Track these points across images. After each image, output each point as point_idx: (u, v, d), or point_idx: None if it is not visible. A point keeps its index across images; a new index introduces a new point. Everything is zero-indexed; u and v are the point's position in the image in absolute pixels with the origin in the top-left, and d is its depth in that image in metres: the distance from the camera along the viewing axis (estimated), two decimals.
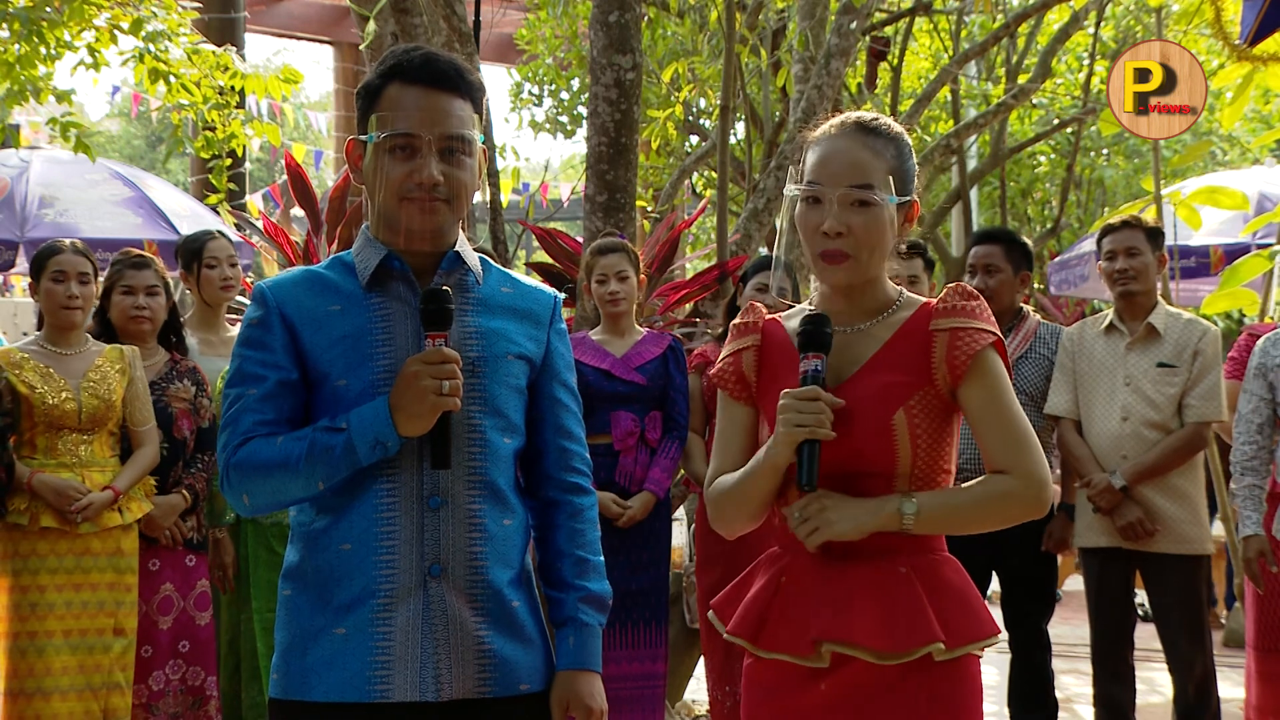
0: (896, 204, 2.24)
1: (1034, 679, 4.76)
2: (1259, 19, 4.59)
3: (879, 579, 2.18)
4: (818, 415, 2.13)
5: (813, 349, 2.20)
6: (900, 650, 2.14)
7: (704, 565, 5.00)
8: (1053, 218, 12.17)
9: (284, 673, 2.20)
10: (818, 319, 2.22)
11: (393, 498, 2.18)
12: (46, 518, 4.14)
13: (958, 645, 2.16)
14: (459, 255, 2.27)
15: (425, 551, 2.17)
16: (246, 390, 2.20)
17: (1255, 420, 4.40)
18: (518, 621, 2.23)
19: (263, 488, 2.19)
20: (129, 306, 4.47)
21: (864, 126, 2.27)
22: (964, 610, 2.19)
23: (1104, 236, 4.69)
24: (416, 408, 2.11)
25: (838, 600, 2.18)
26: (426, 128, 2.19)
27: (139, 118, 25.37)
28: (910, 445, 2.18)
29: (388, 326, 2.22)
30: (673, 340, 4.91)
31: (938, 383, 2.21)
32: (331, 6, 14.19)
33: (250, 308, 2.26)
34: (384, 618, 2.15)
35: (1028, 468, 2.18)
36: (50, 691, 4.12)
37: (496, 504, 2.23)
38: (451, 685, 2.16)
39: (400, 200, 2.21)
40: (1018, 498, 2.19)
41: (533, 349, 2.31)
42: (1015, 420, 2.20)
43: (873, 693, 2.17)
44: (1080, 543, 4.68)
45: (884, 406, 2.19)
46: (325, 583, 2.18)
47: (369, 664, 2.15)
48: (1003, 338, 2.24)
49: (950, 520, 2.20)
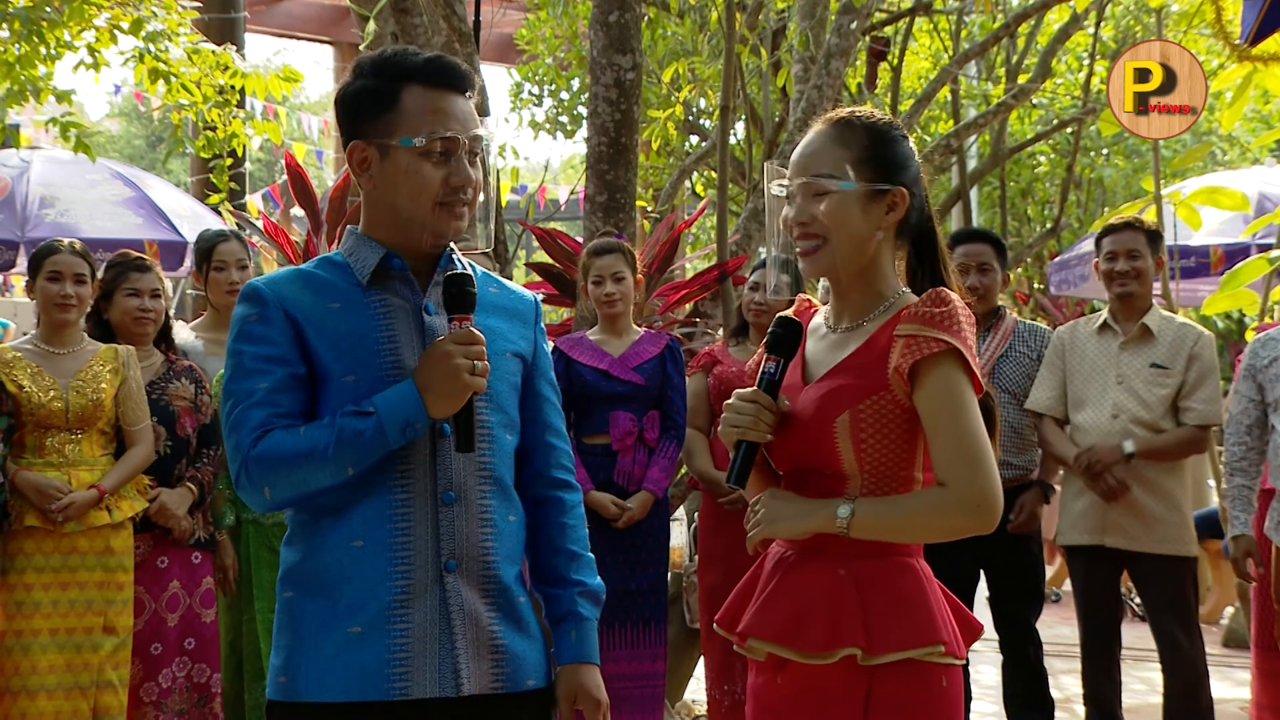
0: (867, 190, 2.20)
1: (1029, 678, 4.76)
2: (1259, 19, 4.58)
3: (814, 581, 2.19)
4: (753, 417, 2.17)
5: (773, 351, 2.23)
6: (812, 651, 2.14)
7: (705, 565, 5.02)
8: (1053, 218, 12.16)
9: (292, 675, 2.17)
10: (786, 323, 2.24)
11: (407, 493, 2.17)
12: (30, 517, 4.15)
13: (884, 651, 2.13)
14: (451, 255, 2.28)
15: (441, 547, 2.17)
16: (255, 385, 2.16)
17: (1244, 421, 4.42)
18: (524, 617, 2.24)
19: (287, 479, 2.14)
20: (134, 308, 4.48)
21: (836, 119, 2.27)
22: (903, 617, 2.15)
23: (1105, 236, 4.70)
24: (449, 386, 2.11)
25: (768, 598, 2.22)
26: (460, 130, 2.21)
27: (142, 116, 25.39)
28: (853, 449, 2.17)
29: (390, 325, 2.21)
30: (670, 340, 4.91)
31: (894, 389, 2.17)
32: (331, 6, 14.20)
33: (244, 305, 2.22)
34: (401, 615, 2.14)
35: (967, 483, 2.12)
36: (36, 690, 4.11)
37: (504, 499, 2.24)
38: (470, 681, 2.16)
39: (435, 205, 2.20)
40: (954, 512, 2.14)
41: (524, 346, 2.34)
42: (962, 434, 2.13)
43: (820, 691, 2.17)
44: (1062, 540, 4.70)
45: (827, 410, 2.19)
46: (335, 581, 2.15)
47: (387, 661, 2.13)
48: (964, 349, 2.15)
49: (885, 528, 2.16)
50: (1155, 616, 4.57)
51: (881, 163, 2.23)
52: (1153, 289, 4.73)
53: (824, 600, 2.16)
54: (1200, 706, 4.51)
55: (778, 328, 2.24)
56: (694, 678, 6.01)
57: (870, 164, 2.23)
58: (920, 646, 2.15)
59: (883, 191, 2.23)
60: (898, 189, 2.24)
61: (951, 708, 2.19)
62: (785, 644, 2.17)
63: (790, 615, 2.17)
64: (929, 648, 2.15)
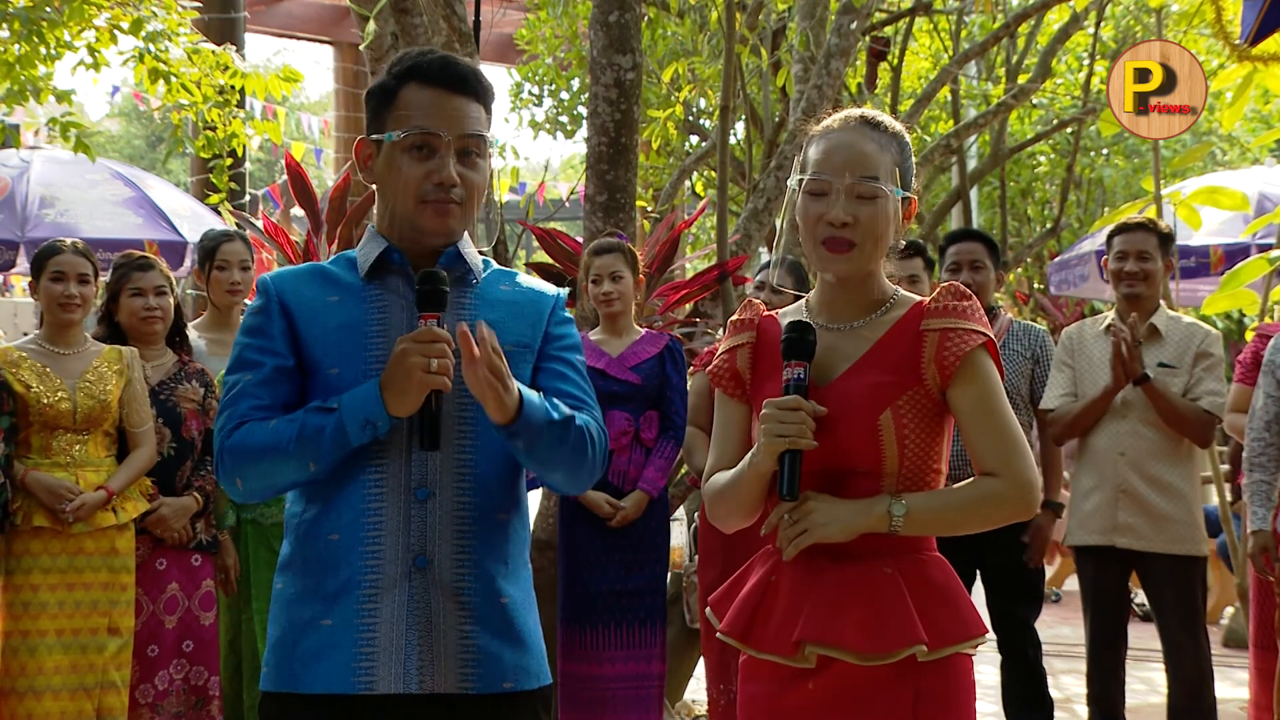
0: (900, 198, 2.26)
1: (1027, 678, 4.75)
2: (1259, 19, 4.58)
3: (864, 580, 2.18)
4: (799, 425, 2.14)
5: (795, 357, 2.20)
6: (883, 652, 2.14)
7: (704, 562, 5.01)
8: (1053, 218, 12.16)
9: (274, 665, 2.21)
10: (801, 326, 2.22)
11: (380, 488, 2.17)
12: (39, 517, 4.14)
13: (941, 646, 2.16)
14: (459, 252, 2.28)
15: (411, 543, 2.17)
16: (244, 376, 2.22)
17: (1265, 417, 4.40)
18: (506, 618, 2.22)
19: (255, 471, 2.18)
20: (140, 308, 4.47)
21: (868, 121, 2.29)
22: (949, 610, 2.19)
23: (1117, 234, 4.67)
24: (404, 385, 2.11)
25: (823, 601, 2.18)
26: (446, 127, 2.21)
27: (142, 116, 25.39)
28: (897, 445, 2.18)
29: (383, 318, 2.23)
30: (670, 340, 4.91)
31: (927, 383, 2.20)
32: (331, 6, 14.19)
33: (255, 298, 2.29)
34: (369, 609, 2.15)
35: (1017, 470, 2.18)
36: (42, 690, 4.11)
37: (488, 497, 2.22)
38: (433, 679, 2.16)
39: (417, 201, 2.22)
40: (1007, 500, 2.19)
41: (529, 334, 2.30)
42: (1006, 423, 2.19)
43: (859, 693, 2.17)
44: (1071, 540, 4.68)
45: (870, 406, 2.18)
46: (315, 573, 2.18)
47: (354, 655, 2.14)
48: (994, 339, 2.22)
49: (939, 522, 2.20)
50: (1162, 617, 4.56)
51: (907, 171, 2.30)
52: (1160, 290, 4.72)
53: (886, 600, 2.16)
54: (1204, 707, 4.51)
55: (792, 332, 2.22)
56: (694, 678, 6.01)
57: (901, 171, 2.28)
58: (970, 639, 2.19)
59: (908, 199, 2.29)
60: (912, 197, 2.31)
61: (972, 694, 2.25)
62: (858, 648, 2.14)
63: (860, 618, 2.15)
64: (976, 639, 2.20)
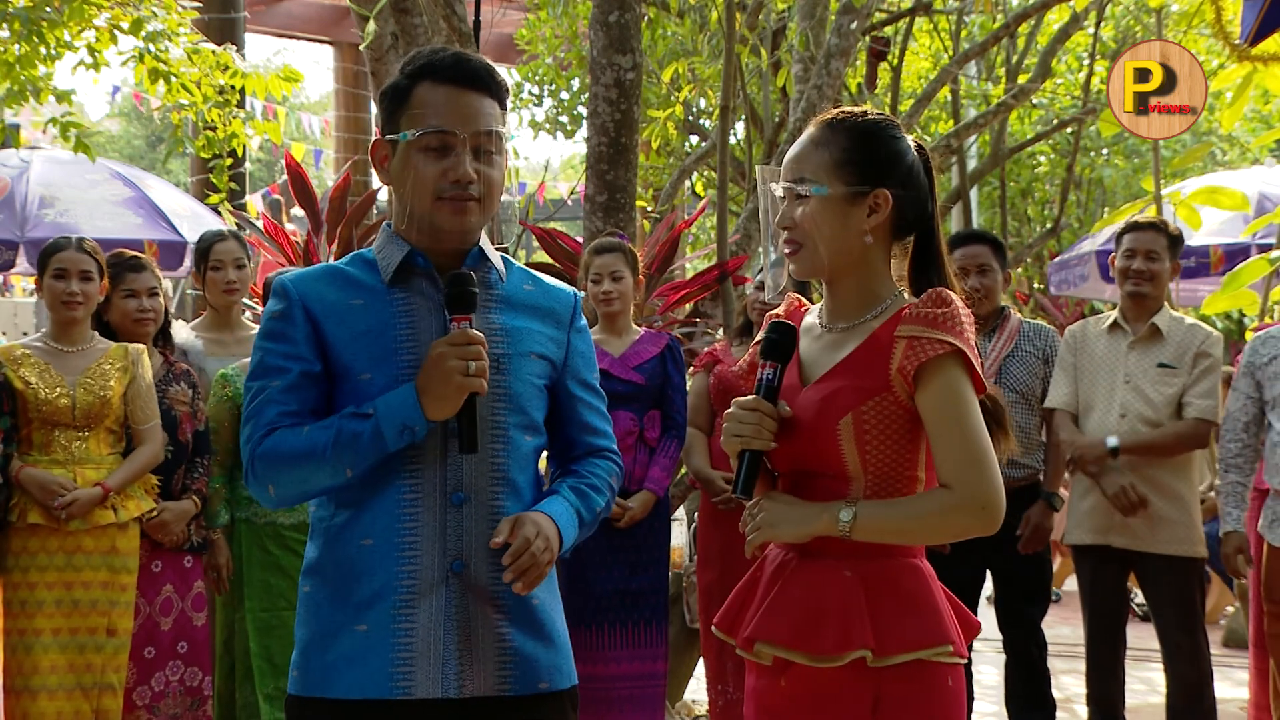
0: (845, 194, 2.19)
1: (1031, 678, 4.75)
2: (1259, 19, 4.59)
3: (818, 582, 2.17)
4: (756, 426, 2.15)
5: (771, 357, 2.20)
6: (823, 654, 2.13)
7: (703, 564, 5.02)
8: (1053, 218, 12.15)
9: (304, 669, 2.19)
10: (780, 327, 2.22)
11: (416, 493, 2.17)
12: (34, 514, 4.12)
13: (895, 652, 2.13)
14: (483, 252, 2.28)
15: (448, 547, 2.17)
16: (270, 382, 2.20)
17: (1242, 418, 4.41)
18: (538, 620, 2.23)
19: (289, 478, 2.17)
20: (133, 309, 4.46)
21: (823, 121, 2.26)
22: (914, 617, 2.15)
23: (1127, 232, 4.67)
24: (442, 389, 2.11)
25: (775, 601, 2.19)
26: (461, 125, 2.20)
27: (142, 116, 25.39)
28: (858, 451, 2.15)
29: (411, 322, 2.22)
30: (670, 340, 4.91)
31: (896, 390, 2.16)
32: (331, 6, 14.19)
33: (271, 301, 2.26)
34: (406, 614, 2.15)
35: (972, 484, 2.11)
36: (38, 690, 4.09)
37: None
38: (473, 682, 2.16)
39: (434, 199, 2.21)
40: (958, 514, 2.13)
41: (554, 350, 2.31)
42: (966, 435, 2.12)
43: (819, 693, 2.16)
44: (1069, 540, 4.69)
45: (830, 412, 2.17)
46: (346, 578, 2.17)
47: (391, 660, 2.14)
48: (967, 349, 2.14)
49: (889, 530, 2.15)
50: (1160, 617, 4.56)
51: (863, 165, 2.21)
52: (1164, 292, 4.72)
53: (833, 602, 2.15)
54: (1204, 708, 4.51)
55: (771, 333, 2.22)
56: (694, 678, 6.01)
57: (850, 167, 2.20)
58: (929, 647, 2.15)
59: (862, 194, 2.20)
60: (878, 191, 2.21)
61: (957, 707, 2.20)
62: (795, 648, 2.15)
63: (799, 618, 2.16)
64: (938, 648, 2.15)
